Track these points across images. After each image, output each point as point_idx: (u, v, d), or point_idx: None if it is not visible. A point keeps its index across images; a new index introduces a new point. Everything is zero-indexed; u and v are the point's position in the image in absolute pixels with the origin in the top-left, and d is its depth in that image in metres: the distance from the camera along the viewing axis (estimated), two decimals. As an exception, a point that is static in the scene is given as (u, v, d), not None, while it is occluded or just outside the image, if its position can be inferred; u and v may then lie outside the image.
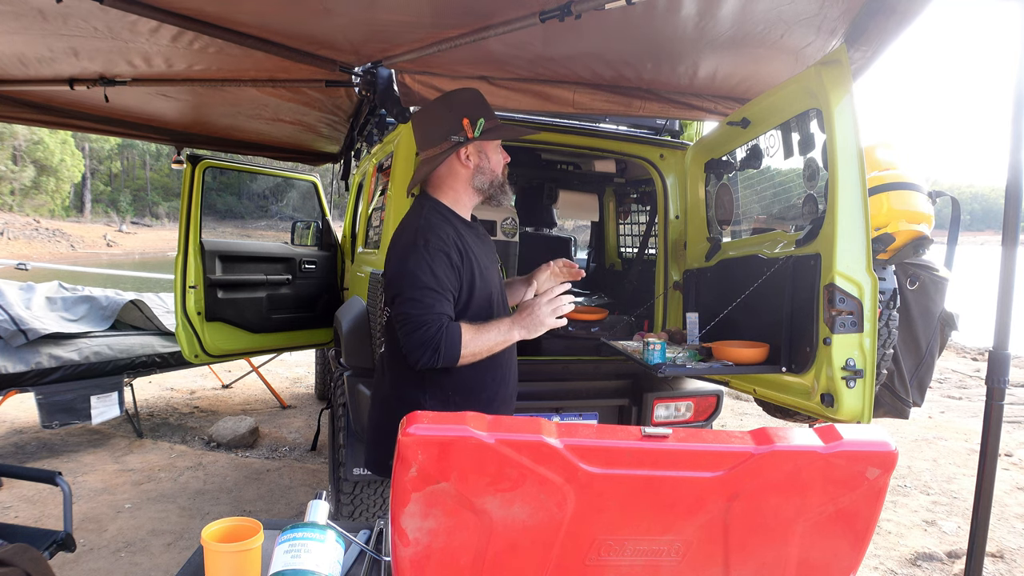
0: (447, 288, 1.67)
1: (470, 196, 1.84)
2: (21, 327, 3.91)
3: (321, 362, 5.80)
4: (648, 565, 1.06)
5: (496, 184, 1.83)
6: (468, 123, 1.75)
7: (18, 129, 31.57)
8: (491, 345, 1.68)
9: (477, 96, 1.83)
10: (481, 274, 1.77)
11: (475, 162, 1.79)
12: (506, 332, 1.69)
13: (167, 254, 31.74)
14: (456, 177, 1.80)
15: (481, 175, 1.81)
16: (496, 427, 0.96)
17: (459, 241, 1.74)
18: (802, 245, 2.21)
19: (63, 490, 2.12)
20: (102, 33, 2.47)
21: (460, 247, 1.73)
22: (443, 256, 1.68)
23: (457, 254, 1.71)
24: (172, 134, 4.37)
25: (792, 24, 2.07)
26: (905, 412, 3.17)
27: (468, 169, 1.79)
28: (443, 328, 1.62)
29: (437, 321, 1.63)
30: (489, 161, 1.81)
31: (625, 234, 4.91)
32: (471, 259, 1.75)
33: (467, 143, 1.75)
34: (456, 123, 1.75)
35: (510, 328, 1.70)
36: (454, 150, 1.75)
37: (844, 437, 1.02)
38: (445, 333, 1.62)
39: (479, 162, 1.80)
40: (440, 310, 1.65)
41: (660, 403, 2.94)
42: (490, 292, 1.81)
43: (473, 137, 1.75)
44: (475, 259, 1.76)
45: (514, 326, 1.70)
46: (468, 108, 1.77)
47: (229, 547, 1.09)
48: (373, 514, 2.94)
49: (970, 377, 7.95)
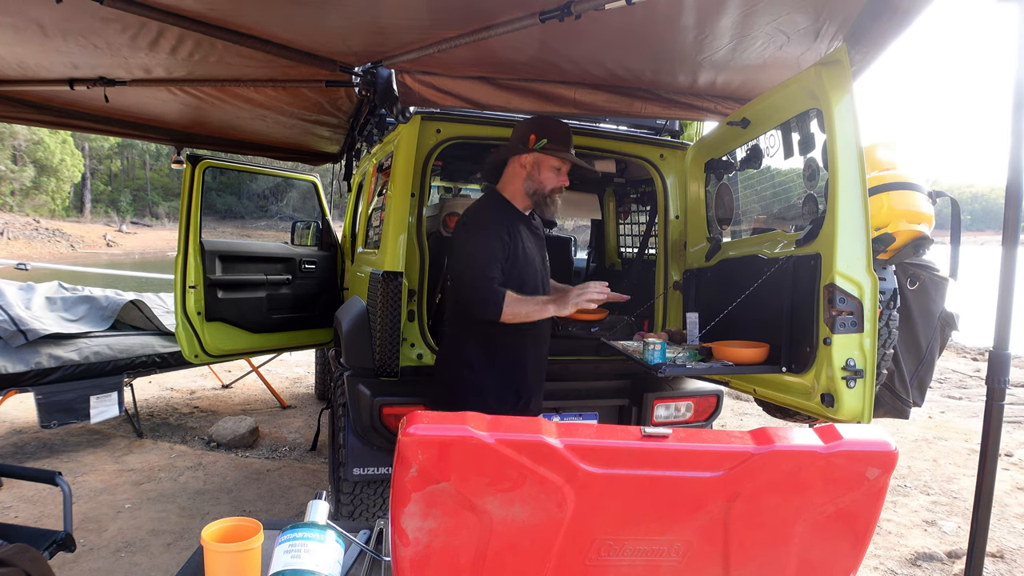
0: (498, 258, 2.13)
1: (522, 196, 2.27)
2: (21, 327, 3.90)
3: (321, 362, 5.80)
4: (648, 565, 1.06)
5: (540, 194, 2.24)
6: (534, 138, 2.20)
7: (18, 129, 31.58)
8: (529, 311, 2.12)
9: (555, 122, 2.27)
10: (524, 255, 2.21)
11: (528, 170, 2.24)
12: (542, 304, 2.14)
13: (167, 254, 31.75)
14: (515, 176, 2.27)
15: (530, 182, 2.24)
16: (496, 427, 0.96)
17: (510, 225, 2.19)
18: (802, 245, 2.21)
19: (63, 490, 2.12)
20: (102, 50, 2.48)
21: (510, 230, 2.18)
22: (496, 234, 2.14)
23: (507, 235, 2.16)
24: (172, 134, 4.37)
25: (791, 35, 2.08)
26: (905, 412, 3.17)
27: (523, 172, 2.24)
28: (492, 288, 2.08)
29: (487, 282, 2.09)
30: (540, 173, 2.23)
31: (625, 234, 4.90)
32: (517, 241, 2.19)
33: (525, 152, 2.21)
34: (526, 136, 2.21)
35: (546, 303, 2.14)
36: (514, 152, 2.24)
37: (844, 437, 1.01)
38: (495, 292, 2.07)
39: (532, 171, 2.24)
40: (491, 274, 2.10)
41: (660, 403, 2.94)
42: (527, 270, 2.22)
43: (531, 149, 2.19)
44: (521, 242, 2.21)
45: (549, 302, 2.14)
46: (538, 127, 2.22)
47: (229, 547, 1.09)
48: (373, 514, 2.94)
49: (970, 377, 7.95)
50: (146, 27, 2.26)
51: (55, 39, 2.39)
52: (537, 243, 2.33)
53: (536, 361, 2.33)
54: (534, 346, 2.30)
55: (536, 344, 2.31)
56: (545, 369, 2.42)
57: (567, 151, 2.25)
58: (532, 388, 2.33)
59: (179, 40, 2.39)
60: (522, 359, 2.27)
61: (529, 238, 2.27)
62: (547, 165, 2.22)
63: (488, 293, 2.08)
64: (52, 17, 2.18)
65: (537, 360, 2.34)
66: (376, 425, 2.59)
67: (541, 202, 2.26)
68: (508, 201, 2.28)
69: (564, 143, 2.24)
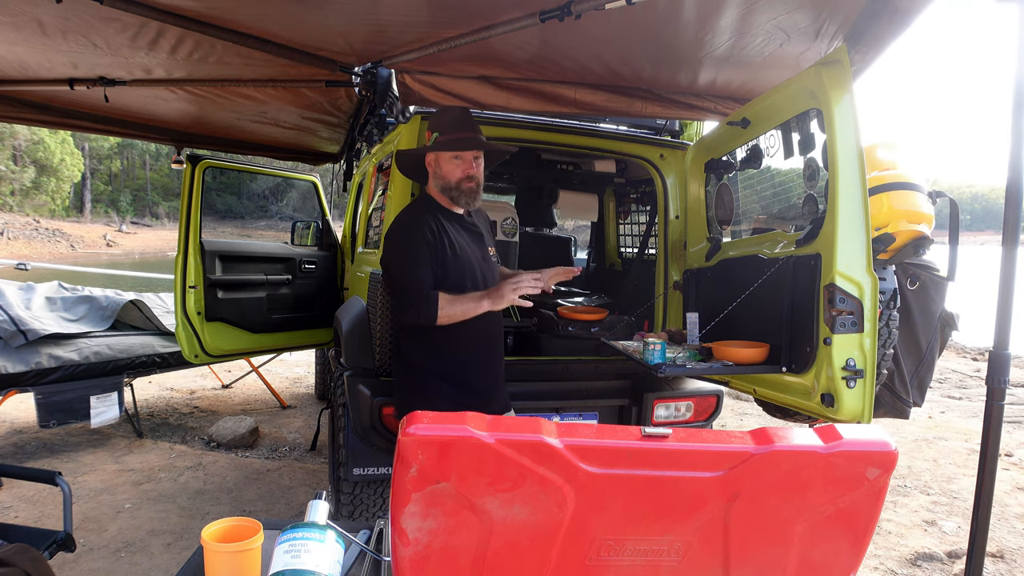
0: (424, 261, 2.07)
1: (437, 194, 2.23)
2: (21, 327, 3.90)
3: (321, 362, 5.79)
4: (648, 565, 1.06)
5: (450, 188, 2.17)
6: (429, 135, 2.20)
7: (18, 129, 31.59)
8: (464, 309, 2.06)
9: (450, 112, 2.24)
10: (456, 252, 2.14)
11: (434, 168, 2.20)
12: (476, 301, 2.07)
13: (167, 254, 31.75)
14: (430, 177, 2.24)
15: (437, 179, 2.20)
16: (496, 427, 0.96)
17: (434, 225, 2.13)
18: (802, 245, 2.21)
19: (63, 490, 2.12)
20: (101, 49, 2.48)
21: (434, 229, 2.11)
22: (420, 236, 2.09)
23: (432, 235, 2.10)
24: (172, 134, 4.36)
25: (791, 33, 2.08)
26: (905, 412, 3.18)
27: (431, 171, 2.22)
28: (421, 293, 2.04)
29: (416, 287, 2.05)
30: (442, 168, 2.18)
31: (625, 234, 4.91)
32: (443, 239, 2.12)
33: (427, 151, 2.20)
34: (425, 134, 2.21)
35: (480, 299, 2.08)
36: (420, 154, 2.24)
37: (844, 437, 1.01)
38: (424, 297, 2.03)
39: (435, 169, 2.20)
40: (419, 278, 2.06)
41: (660, 403, 2.94)
42: (463, 268, 2.16)
43: (428, 147, 2.18)
44: (449, 240, 2.14)
45: (484, 297, 2.08)
46: (434, 123, 2.22)
47: (229, 547, 1.09)
48: (373, 514, 2.94)
49: (970, 377, 7.95)
50: (146, 27, 2.26)
51: (55, 38, 2.39)
52: (472, 238, 2.24)
53: (487, 358, 2.25)
54: (483, 343, 2.23)
55: (484, 341, 2.23)
56: (501, 365, 2.33)
57: (462, 137, 2.15)
58: (489, 387, 2.25)
59: (179, 40, 2.39)
60: (471, 359, 2.20)
61: (460, 234, 2.19)
62: (445, 159, 2.16)
63: (418, 297, 2.04)
64: (52, 16, 2.18)
65: (488, 357, 2.26)
66: (376, 425, 2.59)
67: (456, 196, 2.17)
68: (435, 200, 2.22)
69: (459, 129, 2.16)
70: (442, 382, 2.16)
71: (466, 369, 2.20)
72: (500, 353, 2.33)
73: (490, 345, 2.26)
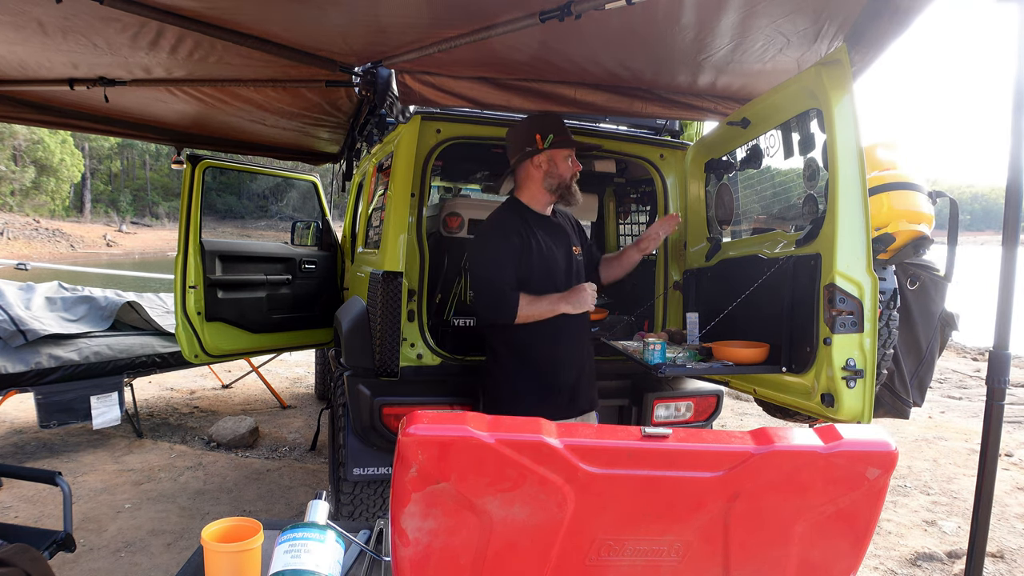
0: (508, 262, 2.20)
1: (543, 195, 2.34)
2: (20, 327, 3.90)
3: (321, 362, 5.79)
4: (648, 565, 1.05)
5: (563, 186, 2.31)
6: (539, 137, 2.27)
7: (18, 129, 31.59)
8: (542, 310, 2.19)
9: (551, 116, 2.36)
10: (541, 254, 2.25)
11: (546, 168, 2.30)
12: (554, 303, 2.20)
13: (167, 254, 31.75)
14: (530, 179, 2.33)
15: (550, 179, 2.31)
16: (496, 427, 0.96)
17: (521, 227, 2.25)
18: (802, 245, 2.21)
19: (63, 490, 2.12)
20: (101, 49, 2.48)
21: (521, 231, 2.24)
22: (505, 237, 2.22)
23: (518, 237, 2.22)
24: (172, 134, 4.37)
25: (791, 37, 2.08)
26: (905, 412, 3.17)
27: (540, 173, 2.31)
28: (503, 294, 2.16)
29: (498, 288, 2.18)
30: (557, 167, 2.30)
31: (625, 234, 4.90)
32: (530, 241, 2.24)
33: (536, 153, 2.27)
34: (531, 138, 2.27)
35: (558, 301, 2.20)
36: (527, 158, 2.29)
37: (844, 437, 1.01)
38: (505, 298, 2.15)
39: (549, 168, 2.30)
40: (502, 278, 2.18)
41: (660, 403, 2.94)
42: (549, 269, 2.28)
43: (542, 148, 2.26)
44: (536, 241, 2.26)
45: (561, 300, 2.20)
46: (539, 126, 2.29)
47: (229, 547, 1.09)
48: (373, 514, 2.94)
49: (970, 377, 7.95)
50: (146, 27, 2.26)
51: (55, 38, 2.39)
52: (559, 239, 2.37)
53: (570, 355, 2.33)
54: (565, 340, 2.31)
55: (567, 338, 2.31)
56: (587, 362, 2.42)
57: (570, 138, 2.34)
58: (573, 383, 2.33)
59: (179, 40, 2.39)
60: (554, 355, 2.29)
61: (547, 235, 2.31)
62: (560, 157, 2.30)
63: (499, 297, 2.16)
64: (52, 16, 2.18)
65: (571, 354, 2.34)
66: (376, 425, 2.59)
67: (566, 193, 2.33)
68: (525, 205, 2.35)
69: (565, 132, 2.32)
70: (527, 377, 2.27)
71: (550, 364, 2.29)
72: (585, 350, 2.42)
73: (572, 342, 2.35)
